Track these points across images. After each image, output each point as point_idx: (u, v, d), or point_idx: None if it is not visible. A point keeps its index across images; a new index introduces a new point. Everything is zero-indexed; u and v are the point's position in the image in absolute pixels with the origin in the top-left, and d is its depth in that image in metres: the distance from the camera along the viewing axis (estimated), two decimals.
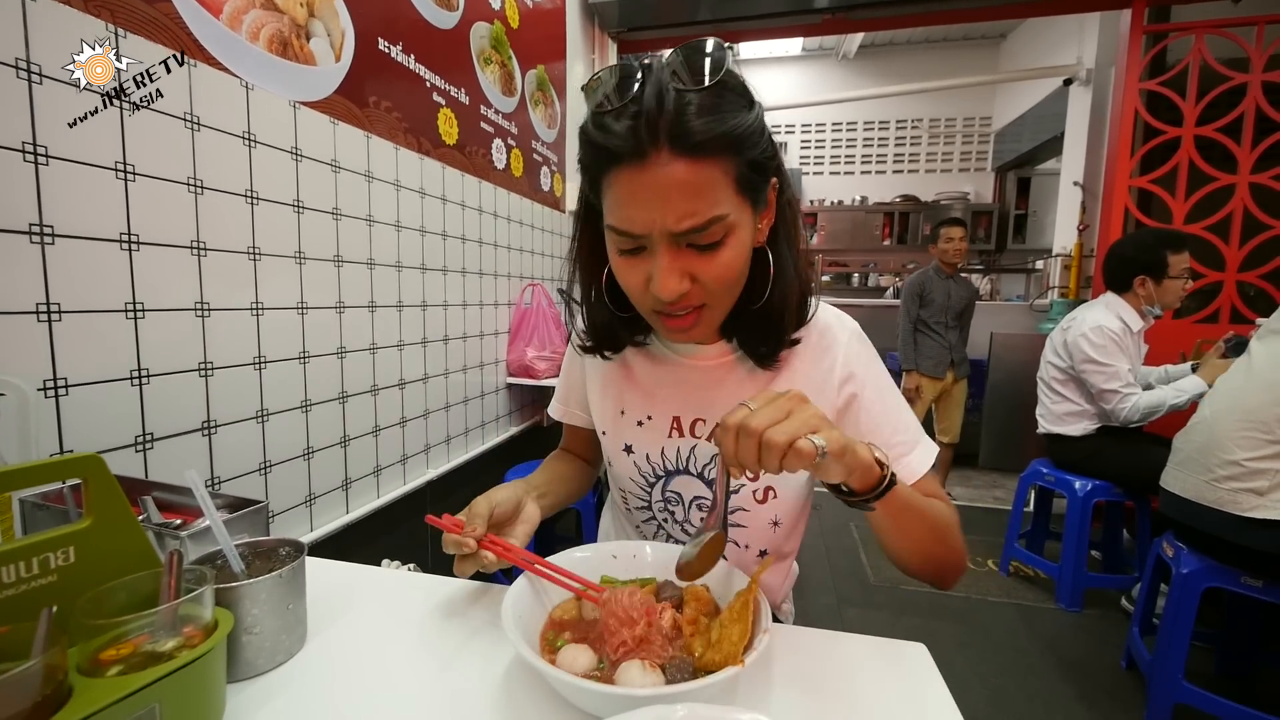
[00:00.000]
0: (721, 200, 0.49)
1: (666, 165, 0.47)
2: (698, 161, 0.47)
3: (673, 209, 0.48)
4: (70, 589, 0.36)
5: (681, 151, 0.46)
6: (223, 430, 0.93)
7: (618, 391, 0.72)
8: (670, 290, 0.50)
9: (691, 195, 0.48)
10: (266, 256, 1.00)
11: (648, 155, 0.47)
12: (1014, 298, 4.75)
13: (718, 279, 0.52)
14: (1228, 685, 1.53)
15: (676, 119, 0.46)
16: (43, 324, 0.70)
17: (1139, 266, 1.90)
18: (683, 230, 0.48)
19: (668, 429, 0.68)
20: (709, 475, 0.68)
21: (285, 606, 0.46)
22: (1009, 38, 5.06)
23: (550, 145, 2.17)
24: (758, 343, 0.62)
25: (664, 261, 0.50)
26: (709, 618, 0.48)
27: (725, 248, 0.51)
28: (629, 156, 0.47)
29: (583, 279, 0.66)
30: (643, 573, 0.56)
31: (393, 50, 1.29)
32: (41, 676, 0.30)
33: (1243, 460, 1.27)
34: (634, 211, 0.49)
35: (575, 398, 0.80)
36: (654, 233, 0.49)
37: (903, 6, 2.54)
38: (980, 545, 2.48)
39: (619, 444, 0.72)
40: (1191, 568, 1.36)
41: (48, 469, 0.35)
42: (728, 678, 0.37)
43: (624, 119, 0.47)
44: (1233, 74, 2.37)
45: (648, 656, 0.42)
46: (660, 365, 0.70)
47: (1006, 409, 3.23)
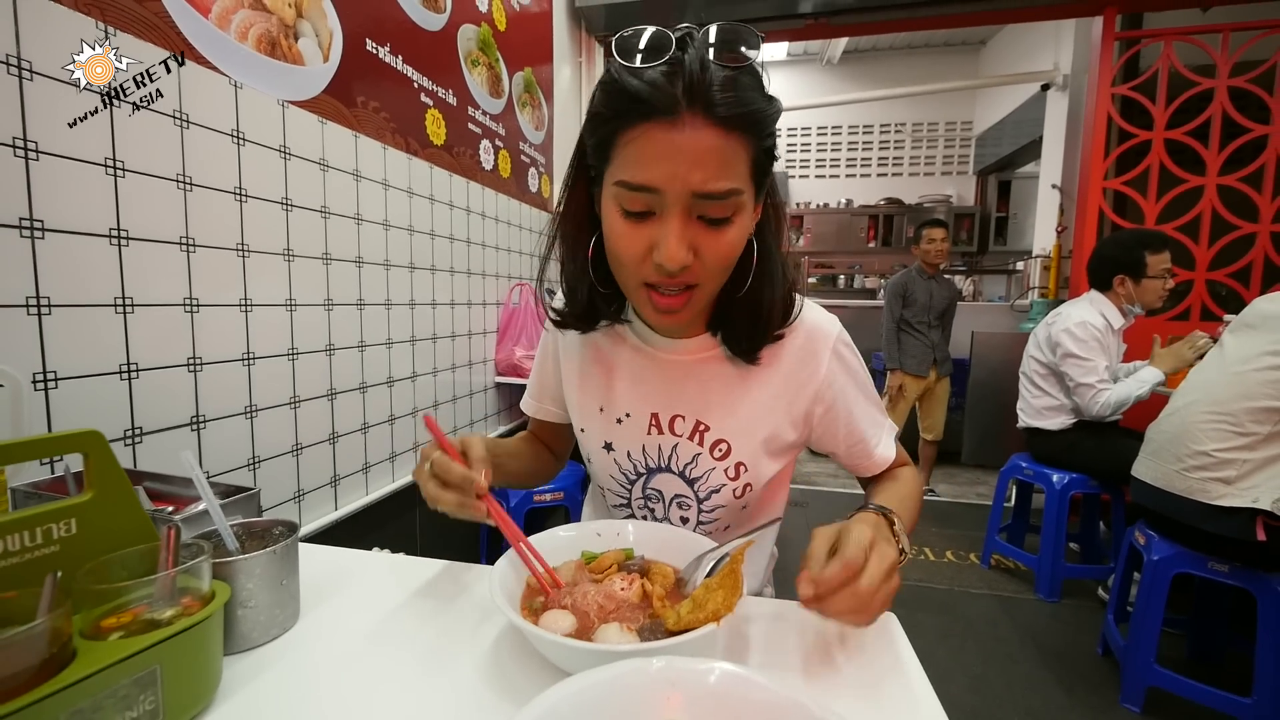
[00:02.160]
0: (740, 176, 0.50)
1: (699, 129, 0.47)
2: (728, 133, 0.48)
3: (700, 168, 0.47)
4: (72, 560, 0.37)
5: (715, 119, 0.47)
6: (211, 425, 0.94)
7: (596, 387, 0.71)
8: (676, 258, 0.49)
9: (720, 162, 0.48)
10: (255, 253, 1.00)
11: (681, 115, 0.47)
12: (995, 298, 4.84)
13: (719, 257, 0.52)
14: (1198, 668, 1.57)
15: (715, 88, 0.46)
16: (32, 317, 0.71)
17: (1118, 265, 1.95)
18: (706, 191, 0.48)
19: (647, 425, 0.68)
20: (689, 474, 0.67)
21: (279, 582, 0.47)
22: (988, 44, 5.17)
23: (538, 147, 2.19)
24: (741, 336, 0.62)
25: (676, 226, 0.49)
26: (672, 592, 0.50)
27: (732, 226, 0.51)
28: (662, 112, 0.47)
29: (565, 246, 0.63)
30: (617, 544, 0.58)
31: (380, 51, 1.30)
32: (48, 636, 0.31)
33: (1212, 451, 1.32)
34: (659, 166, 0.48)
35: (549, 393, 0.78)
36: (673, 192, 0.48)
37: (884, 13, 2.59)
38: (963, 540, 2.53)
39: (598, 441, 0.71)
40: (1162, 554, 1.41)
41: (50, 443, 0.37)
42: (704, 634, 0.39)
43: (662, 76, 0.47)
44: (1200, 80, 2.45)
45: (620, 619, 0.45)
46: (639, 359, 0.69)
47: (988, 406, 3.29)
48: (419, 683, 0.44)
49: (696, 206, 0.49)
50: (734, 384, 0.65)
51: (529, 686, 0.42)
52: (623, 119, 0.49)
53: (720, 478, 0.66)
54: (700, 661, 0.33)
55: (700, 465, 0.67)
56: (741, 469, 0.66)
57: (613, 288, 0.62)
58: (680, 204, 0.49)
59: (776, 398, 0.65)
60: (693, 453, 0.67)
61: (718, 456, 0.66)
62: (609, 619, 0.45)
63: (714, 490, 0.67)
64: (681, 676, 0.32)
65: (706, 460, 0.66)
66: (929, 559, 2.36)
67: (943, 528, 2.68)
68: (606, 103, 0.51)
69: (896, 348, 2.89)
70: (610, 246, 0.55)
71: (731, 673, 0.31)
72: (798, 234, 5.53)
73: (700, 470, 0.67)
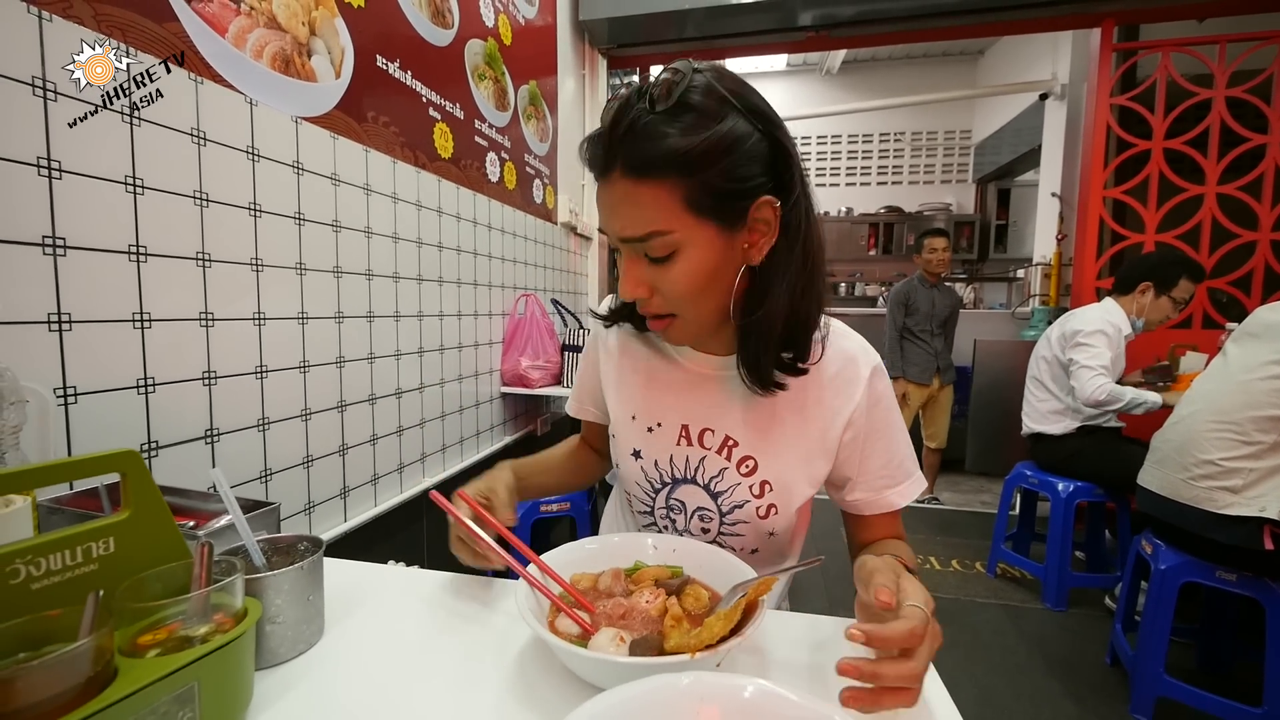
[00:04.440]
0: (662, 218, 0.52)
1: (617, 183, 0.53)
2: (640, 181, 0.52)
3: (618, 219, 0.55)
4: (110, 578, 0.38)
5: (626, 171, 0.52)
6: (225, 438, 0.95)
7: (631, 394, 0.73)
8: (625, 293, 0.57)
9: (631, 210, 0.53)
10: (268, 267, 1.02)
11: (606, 173, 0.54)
12: (996, 305, 4.85)
13: (672, 291, 0.56)
14: (1208, 678, 1.57)
15: (626, 141, 0.52)
16: (54, 334, 0.71)
17: (1152, 272, 1.97)
18: (624, 238, 0.55)
19: (676, 436, 0.69)
20: (714, 488, 0.68)
21: (305, 598, 0.48)
22: (986, 54, 5.22)
23: (542, 159, 2.21)
24: (748, 362, 0.61)
25: (625, 266, 0.57)
26: (697, 615, 0.50)
27: (676, 262, 0.54)
28: (598, 174, 0.55)
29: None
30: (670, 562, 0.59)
31: (390, 67, 1.32)
32: (92, 655, 0.32)
33: (1218, 460, 1.32)
34: (602, 218, 0.57)
35: (590, 396, 0.82)
36: (612, 239, 0.57)
37: (882, 25, 2.62)
38: (968, 548, 2.53)
39: (628, 448, 0.73)
40: (1169, 563, 1.41)
41: (89, 463, 0.37)
42: (675, 661, 0.39)
43: (596, 143, 0.55)
44: (1198, 89, 2.48)
45: (625, 628, 0.46)
46: (675, 371, 0.70)
47: (992, 414, 3.29)
48: (446, 696, 0.44)
49: (635, 248, 0.55)
50: (765, 403, 0.65)
51: (557, 700, 0.43)
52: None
53: (744, 494, 0.67)
54: (735, 677, 0.33)
55: (725, 480, 0.67)
56: (767, 488, 0.66)
57: None
58: (624, 248, 0.56)
59: (809, 422, 0.65)
60: (719, 467, 0.67)
61: (744, 473, 0.66)
62: (616, 625, 0.46)
63: (737, 506, 0.67)
64: (714, 692, 0.32)
65: (732, 475, 0.67)
66: (934, 568, 2.35)
67: (947, 536, 2.68)
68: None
69: (900, 356, 2.90)
70: None
71: (765, 689, 0.32)
72: None
73: (725, 485, 0.67)
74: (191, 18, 0.86)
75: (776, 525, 0.68)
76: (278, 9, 1.01)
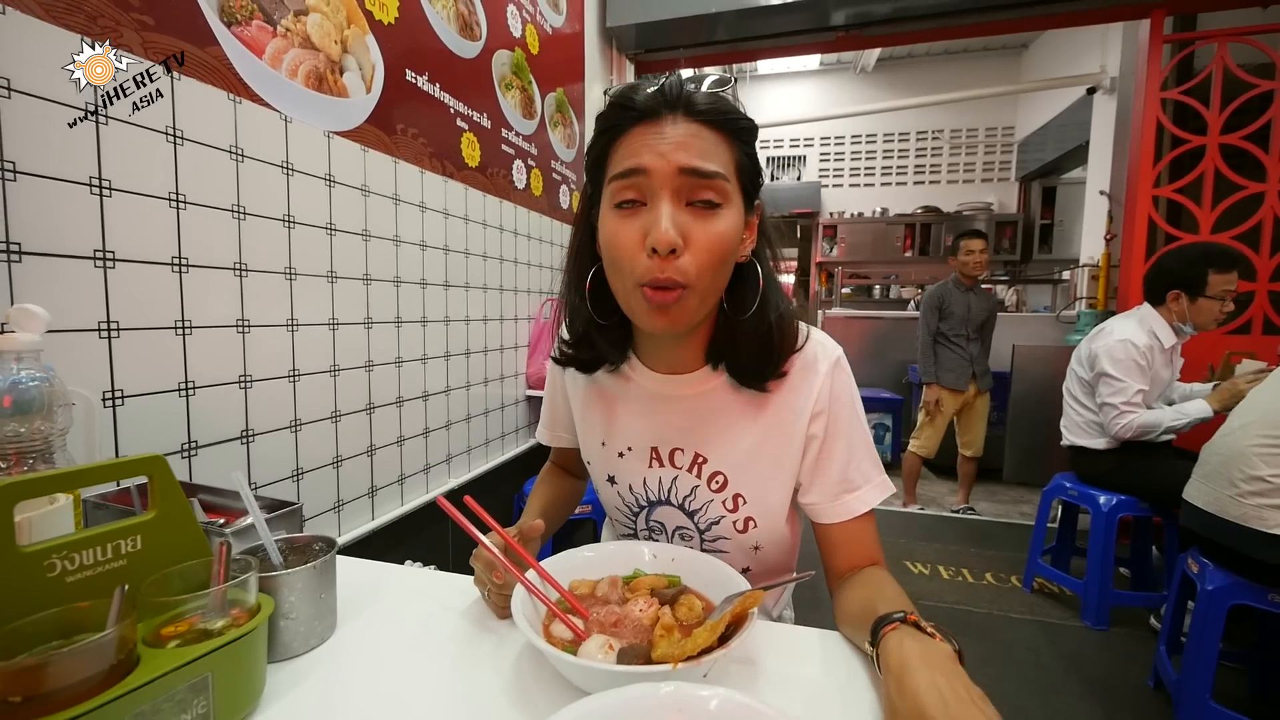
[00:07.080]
0: (725, 164, 0.54)
1: (680, 123, 0.53)
2: (708, 126, 0.54)
3: (684, 149, 0.52)
4: (136, 572, 0.41)
5: (694, 115, 0.53)
6: (259, 439, 1.00)
7: (598, 421, 0.72)
8: (665, 238, 0.50)
9: (702, 146, 0.53)
10: (301, 276, 1.07)
11: (663, 115, 0.54)
12: (1041, 308, 4.68)
13: (707, 248, 0.53)
14: (1261, 707, 1.48)
15: (690, 96, 0.54)
16: (103, 340, 0.77)
17: (1175, 280, 1.85)
18: (692, 167, 0.52)
19: (648, 459, 0.68)
20: (689, 506, 0.68)
21: (318, 595, 0.51)
22: (1030, 47, 5.03)
23: (569, 165, 2.24)
24: (746, 363, 0.61)
25: (666, 206, 0.52)
26: (688, 625, 0.50)
27: (720, 216, 0.54)
28: (648, 115, 0.54)
29: (567, 278, 0.66)
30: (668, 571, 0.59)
31: (419, 80, 1.37)
32: (116, 645, 0.35)
33: (1268, 476, 1.25)
34: (647, 152, 0.53)
35: (562, 422, 0.81)
36: (661, 172, 0.52)
37: (918, 22, 2.56)
38: (1003, 561, 2.44)
39: (603, 474, 0.74)
40: (1217, 584, 1.34)
41: (119, 467, 0.41)
42: (657, 671, 0.40)
43: (646, 94, 0.54)
44: (1259, 81, 2.34)
45: (616, 635, 0.47)
46: (640, 394, 0.68)
47: (1031, 422, 3.17)
48: (444, 694, 0.46)
49: (685, 189, 0.53)
50: (735, 416, 0.65)
51: (545, 704, 0.44)
52: (616, 129, 0.56)
53: (719, 510, 0.66)
54: (705, 687, 0.34)
55: (699, 498, 0.67)
56: (740, 501, 0.65)
57: (611, 319, 0.63)
58: (668, 186, 0.52)
59: (779, 424, 0.64)
60: (691, 485, 0.67)
61: (715, 489, 0.66)
62: (607, 633, 0.47)
63: (713, 522, 0.67)
64: (687, 702, 0.33)
65: (705, 492, 0.67)
66: (967, 580, 2.28)
67: (983, 548, 2.59)
68: (602, 121, 0.57)
69: (933, 361, 2.82)
70: (607, 249, 0.57)
71: (731, 699, 0.32)
72: (831, 243, 5.46)
73: (699, 503, 0.67)
74: (231, 41, 0.92)
75: (760, 539, 0.67)
76: (312, 29, 1.06)
